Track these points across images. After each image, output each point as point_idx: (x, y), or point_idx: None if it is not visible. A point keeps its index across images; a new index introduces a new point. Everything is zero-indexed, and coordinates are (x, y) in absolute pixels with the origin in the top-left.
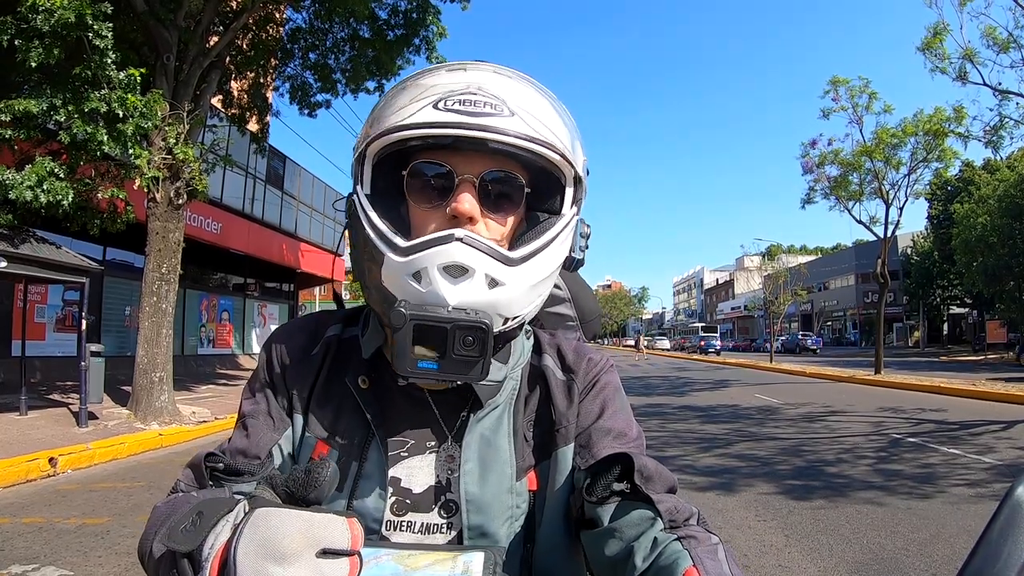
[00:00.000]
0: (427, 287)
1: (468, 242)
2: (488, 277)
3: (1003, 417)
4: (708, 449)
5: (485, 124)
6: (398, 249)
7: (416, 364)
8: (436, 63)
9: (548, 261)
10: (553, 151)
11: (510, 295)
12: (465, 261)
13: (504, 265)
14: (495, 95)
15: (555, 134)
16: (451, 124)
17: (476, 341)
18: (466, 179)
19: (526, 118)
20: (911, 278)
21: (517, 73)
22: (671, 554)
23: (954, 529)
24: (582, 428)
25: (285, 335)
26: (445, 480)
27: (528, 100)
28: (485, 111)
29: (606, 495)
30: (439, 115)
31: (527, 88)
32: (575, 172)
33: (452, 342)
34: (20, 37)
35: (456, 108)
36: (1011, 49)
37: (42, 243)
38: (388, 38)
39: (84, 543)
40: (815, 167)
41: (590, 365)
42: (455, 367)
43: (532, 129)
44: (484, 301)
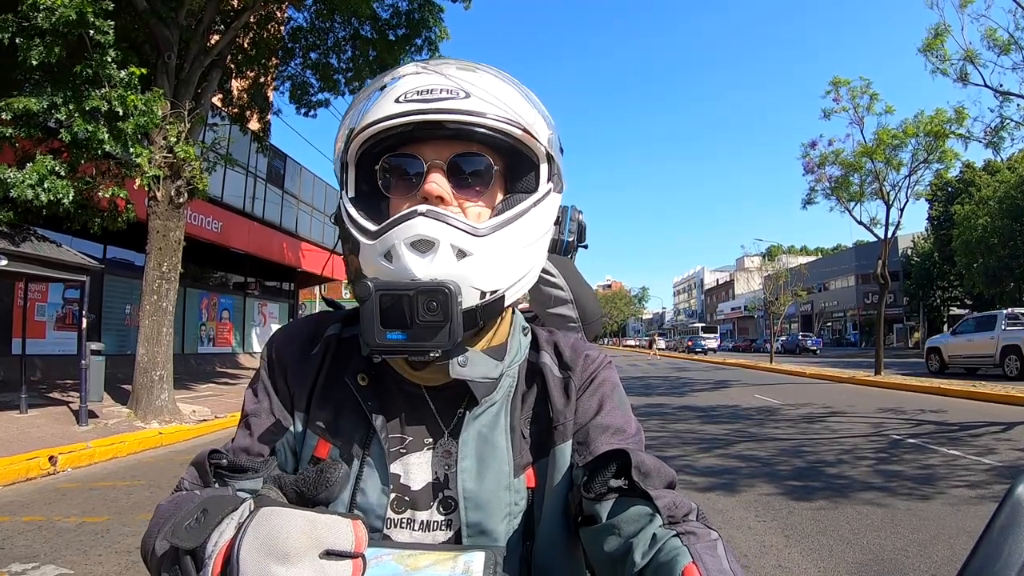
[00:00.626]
0: (396, 264)
1: (431, 215)
2: (455, 248)
3: (1003, 418)
4: (708, 449)
5: (441, 107)
6: (369, 233)
7: (384, 336)
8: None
9: (520, 233)
10: (513, 125)
11: (480, 266)
12: (429, 234)
13: (470, 235)
14: (452, 82)
15: (514, 110)
16: (410, 112)
17: (439, 305)
18: (434, 164)
19: (483, 97)
20: (911, 279)
21: (479, 65)
22: (670, 550)
23: (954, 530)
24: (580, 425)
25: (286, 336)
26: (443, 476)
27: (485, 82)
28: (442, 96)
29: (604, 491)
30: (399, 107)
31: (486, 74)
32: (544, 149)
33: (416, 308)
34: (21, 35)
35: (414, 98)
36: (1012, 51)
37: (42, 241)
38: (390, 38)
39: (84, 541)
40: (816, 167)
41: (587, 362)
42: (422, 334)
43: (489, 106)
44: (453, 273)
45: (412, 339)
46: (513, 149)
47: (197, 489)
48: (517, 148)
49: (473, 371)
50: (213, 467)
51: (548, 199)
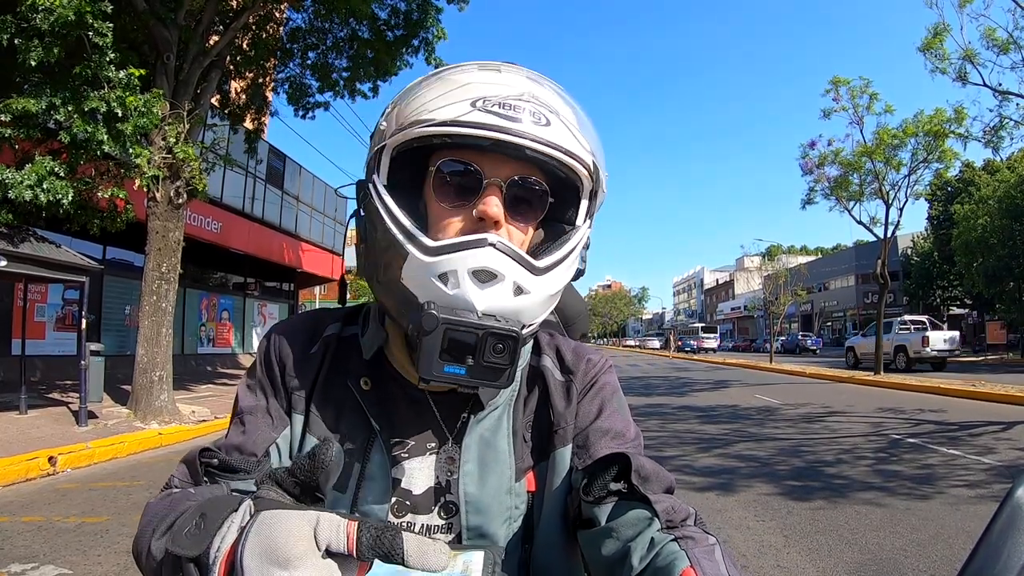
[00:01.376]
0: (454, 290)
1: (501, 248)
2: (515, 285)
3: (1003, 418)
4: (708, 449)
5: (523, 131)
6: (425, 248)
7: (443, 369)
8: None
9: (567, 272)
10: (582, 164)
11: (533, 303)
12: (496, 267)
13: (530, 274)
14: (534, 101)
15: (585, 146)
16: (492, 126)
17: (506, 349)
18: (493, 182)
19: (562, 127)
20: (911, 279)
21: (548, 80)
22: (668, 554)
23: (953, 530)
24: (580, 429)
25: (284, 332)
26: (445, 482)
27: (562, 109)
28: (522, 117)
29: (603, 495)
30: (480, 116)
31: (560, 97)
32: (594, 186)
33: (483, 349)
34: (20, 36)
35: (496, 111)
36: (1011, 50)
37: (42, 242)
38: (388, 39)
39: (83, 542)
40: (815, 167)
41: (588, 366)
42: (483, 373)
43: (567, 139)
44: (510, 308)
45: (471, 375)
46: (564, 177)
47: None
48: (569, 178)
49: None
50: (204, 466)
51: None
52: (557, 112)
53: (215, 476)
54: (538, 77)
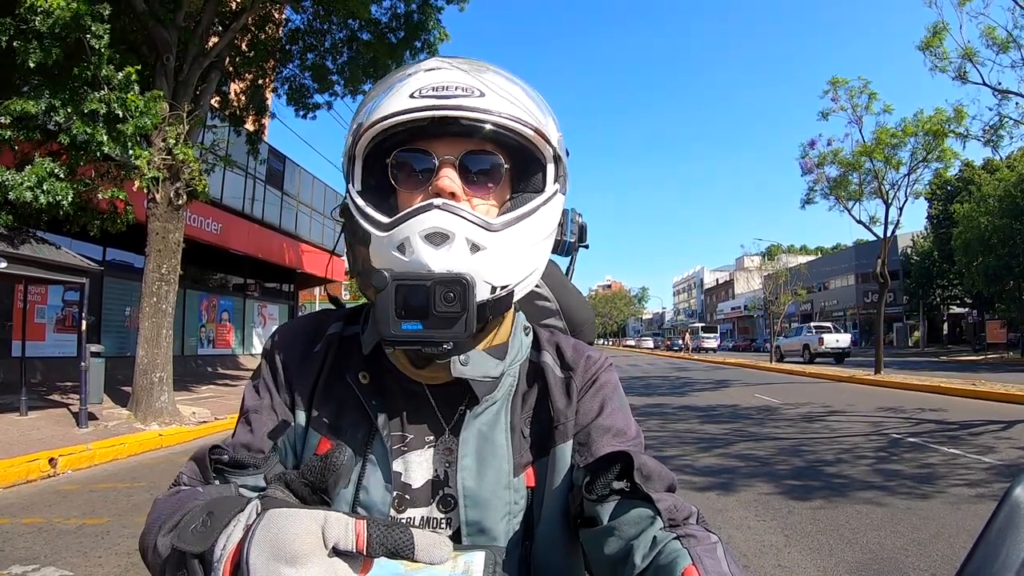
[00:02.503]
0: (410, 256)
1: (447, 208)
2: (469, 242)
3: (1003, 417)
4: (708, 449)
5: (457, 104)
6: (381, 225)
7: (400, 326)
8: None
9: (531, 231)
10: (525, 126)
11: (493, 260)
12: (445, 227)
13: (485, 230)
14: (466, 80)
15: (527, 110)
16: (425, 107)
17: (456, 296)
18: (446, 160)
19: (497, 98)
20: (911, 278)
21: (487, 65)
22: (670, 552)
23: (954, 529)
24: (581, 426)
25: (288, 333)
26: (443, 474)
27: (498, 82)
28: (456, 93)
29: (606, 493)
30: (413, 102)
31: (498, 74)
32: (553, 150)
33: (433, 299)
34: (19, 38)
35: (429, 94)
36: (1011, 49)
37: (42, 244)
38: (390, 41)
39: (84, 543)
40: (814, 167)
41: (589, 363)
42: (438, 324)
43: (504, 105)
44: (467, 266)
45: (428, 329)
46: (522, 148)
47: (196, 484)
48: (526, 148)
49: (474, 370)
50: (214, 463)
51: (555, 199)
52: (492, 85)
53: (224, 473)
54: (480, 64)
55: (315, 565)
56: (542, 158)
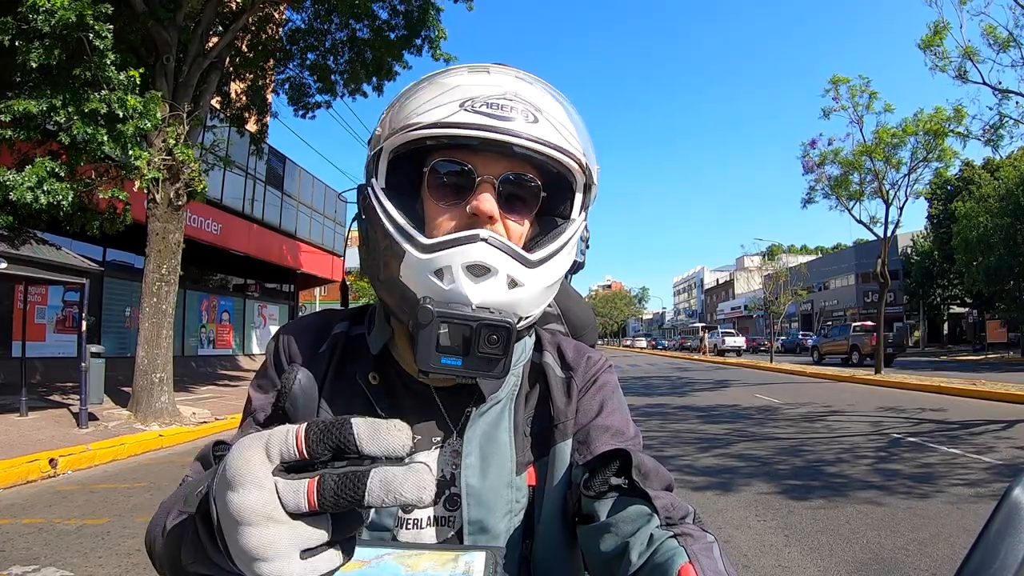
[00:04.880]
0: (450, 285)
1: (492, 243)
2: (509, 278)
3: (1003, 417)
4: (708, 449)
5: (511, 128)
6: (421, 246)
7: (440, 360)
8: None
9: (561, 264)
10: (573, 159)
11: (528, 296)
12: (489, 261)
13: (524, 267)
14: (520, 100)
15: (575, 142)
16: (479, 126)
17: (500, 340)
18: (486, 179)
19: (549, 125)
20: (911, 278)
21: (538, 79)
22: (667, 551)
23: (953, 529)
24: (581, 425)
25: (293, 331)
26: (449, 475)
27: (551, 107)
28: (511, 115)
29: (604, 490)
30: (467, 116)
31: (548, 95)
32: (586, 179)
33: (477, 340)
34: (20, 38)
35: (483, 111)
36: (1011, 48)
37: (42, 244)
38: (390, 38)
39: (84, 544)
40: (815, 167)
41: (589, 364)
42: (478, 364)
43: (555, 136)
44: (504, 301)
45: (467, 367)
46: (557, 173)
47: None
48: (562, 173)
49: None
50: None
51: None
52: (544, 109)
53: None
54: (527, 76)
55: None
56: (573, 184)
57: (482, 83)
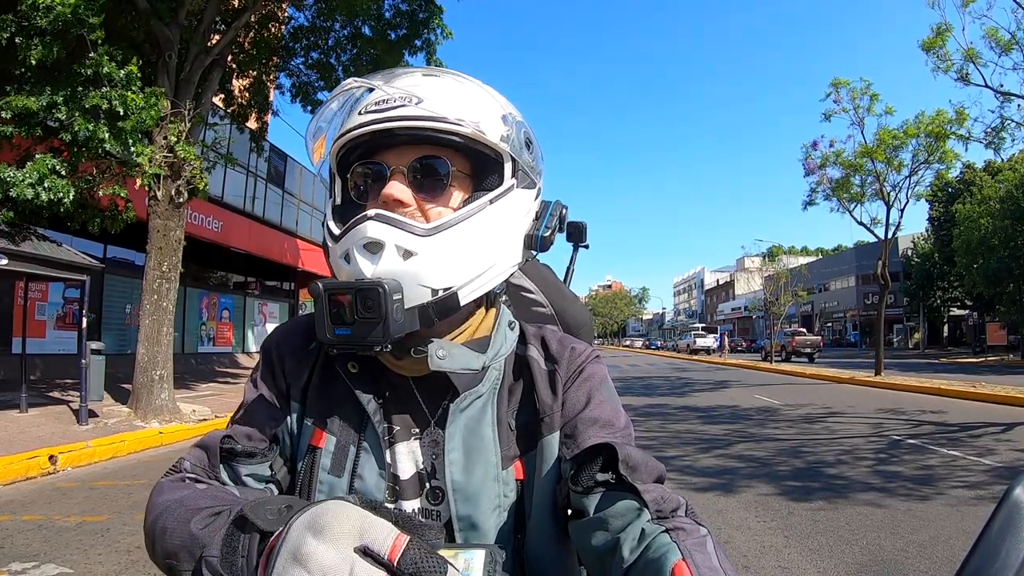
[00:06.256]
0: (352, 266)
1: (379, 219)
2: (400, 248)
3: (1003, 419)
4: (708, 450)
5: (393, 115)
6: (334, 236)
7: (334, 331)
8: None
9: (474, 230)
10: (459, 125)
11: (426, 264)
12: (376, 236)
13: (415, 236)
14: (406, 91)
15: (462, 111)
16: (366, 123)
17: (374, 304)
18: (396, 169)
19: (432, 103)
20: (912, 280)
21: (445, 70)
22: (659, 547)
23: (953, 531)
24: (568, 418)
25: (284, 331)
26: (430, 466)
27: (441, 88)
28: (394, 105)
29: (591, 484)
30: (360, 119)
31: (446, 79)
32: (505, 147)
33: (356, 307)
34: (20, 35)
35: (372, 109)
36: (1013, 50)
37: (43, 241)
38: (391, 38)
39: (84, 540)
40: (816, 169)
41: (574, 355)
42: (362, 330)
43: (437, 111)
44: (398, 270)
45: (355, 333)
46: (476, 151)
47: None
48: (478, 149)
49: (453, 363)
50: (225, 452)
51: (510, 196)
52: (431, 91)
53: (232, 462)
54: (436, 71)
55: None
56: (498, 157)
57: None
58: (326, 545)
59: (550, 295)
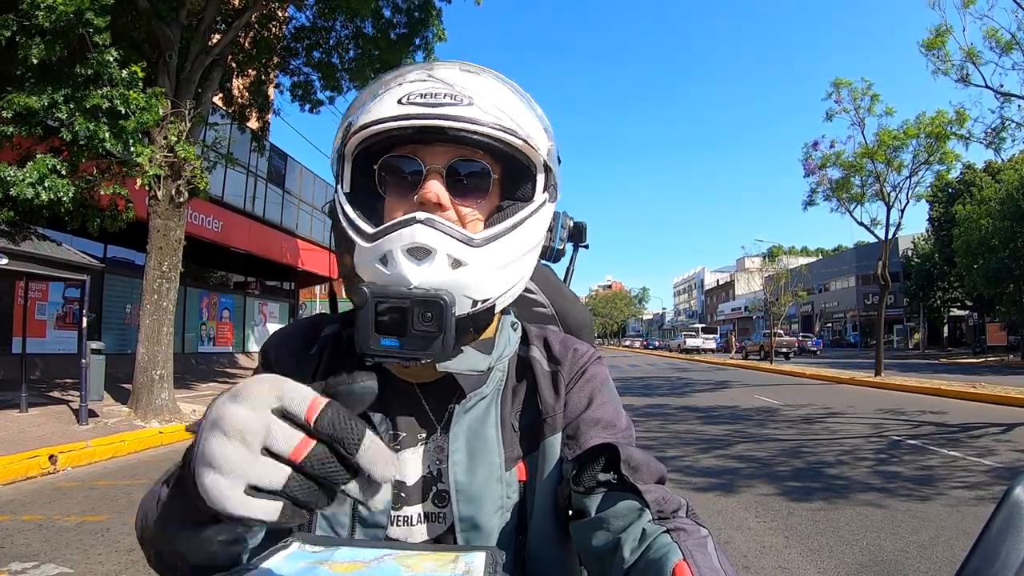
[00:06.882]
0: (392, 269)
1: (429, 224)
2: (450, 258)
3: (1003, 419)
4: (708, 450)
5: (443, 113)
6: (365, 235)
7: (379, 342)
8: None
9: (515, 244)
10: (513, 135)
11: (474, 276)
12: (426, 242)
13: (466, 246)
14: (454, 86)
15: (515, 120)
16: (411, 116)
17: (434, 316)
18: (433, 169)
19: (484, 105)
20: (912, 280)
21: (486, 69)
22: (660, 547)
23: (954, 531)
24: (570, 419)
25: (283, 336)
26: (436, 471)
27: (488, 89)
28: (444, 102)
29: (593, 485)
30: (401, 109)
31: (489, 79)
32: (543, 160)
33: (411, 318)
34: (22, 34)
35: (416, 101)
36: (1013, 50)
37: (43, 240)
38: (391, 37)
39: (84, 540)
40: (816, 169)
41: (576, 356)
42: (415, 343)
43: (490, 115)
44: (447, 280)
45: (405, 347)
46: (511, 157)
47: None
48: (515, 156)
49: (460, 364)
50: None
51: (543, 209)
52: (481, 93)
53: None
54: (474, 68)
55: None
56: (531, 166)
57: (421, 79)
58: (243, 407)
59: (551, 295)
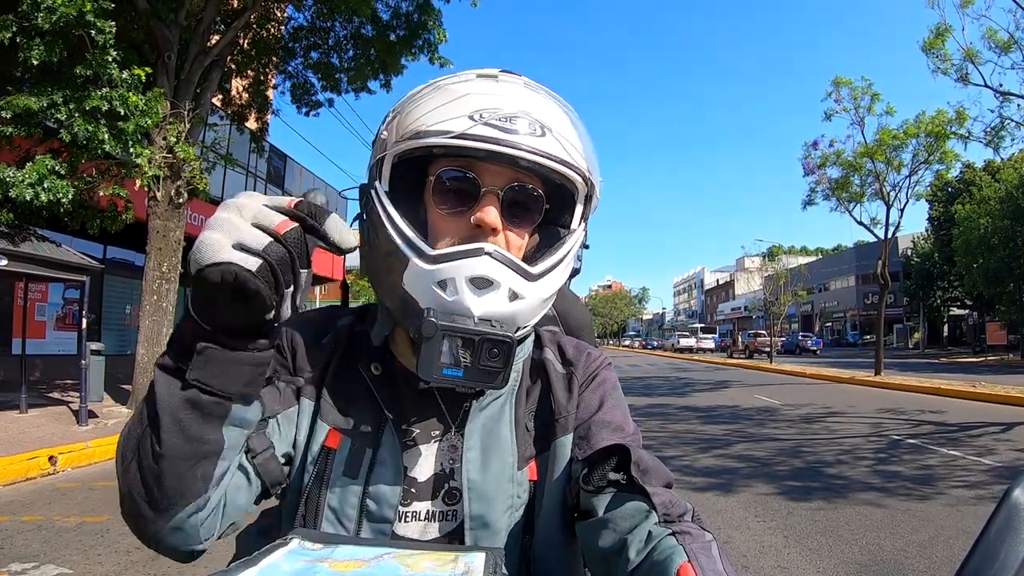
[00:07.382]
0: (452, 296)
1: (496, 256)
2: (511, 291)
3: (1002, 419)
4: (708, 450)
5: (518, 142)
6: (425, 256)
7: (442, 372)
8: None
9: (560, 276)
10: (578, 172)
11: (527, 307)
12: (492, 275)
13: (525, 280)
14: (529, 113)
15: (581, 156)
16: (487, 138)
17: (501, 353)
18: (491, 190)
19: (558, 139)
20: (911, 279)
21: (545, 89)
22: (665, 549)
23: (953, 531)
24: (581, 420)
25: (297, 323)
26: (448, 469)
27: (558, 120)
28: (520, 128)
29: (602, 484)
30: (476, 129)
31: (555, 106)
32: (588, 191)
33: (479, 353)
34: (22, 35)
35: (493, 123)
36: (1012, 50)
37: (42, 241)
38: (389, 40)
39: (84, 541)
40: (816, 168)
41: (589, 360)
42: (479, 376)
43: (561, 150)
44: (506, 313)
45: (468, 378)
46: (560, 185)
47: None
48: (565, 185)
49: None
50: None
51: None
52: (551, 123)
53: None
54: (535, 85)
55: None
56: (576, 195)
57: (490, 92)
58: (242, 197)
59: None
